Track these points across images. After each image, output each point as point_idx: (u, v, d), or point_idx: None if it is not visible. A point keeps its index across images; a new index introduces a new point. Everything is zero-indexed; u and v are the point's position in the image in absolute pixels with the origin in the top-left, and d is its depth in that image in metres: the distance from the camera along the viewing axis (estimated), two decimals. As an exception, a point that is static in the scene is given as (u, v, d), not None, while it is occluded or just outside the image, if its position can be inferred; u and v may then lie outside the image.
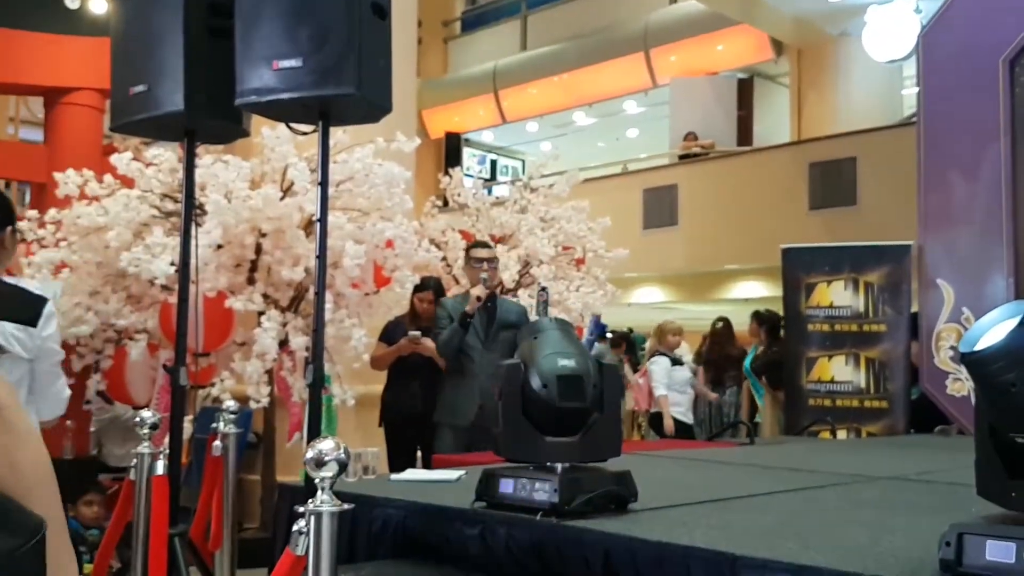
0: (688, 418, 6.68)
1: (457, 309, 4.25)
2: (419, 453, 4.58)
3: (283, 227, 4.32)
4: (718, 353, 7.10)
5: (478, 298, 4.14)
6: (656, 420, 6.67)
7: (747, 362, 6.77)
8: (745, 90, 12.30)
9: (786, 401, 6.12)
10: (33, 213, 4.69)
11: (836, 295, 5.96)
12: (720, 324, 7.26)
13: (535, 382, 2.03)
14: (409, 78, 6.34)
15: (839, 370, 5.89)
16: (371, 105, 2.62)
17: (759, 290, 10.89)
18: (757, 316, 6.85)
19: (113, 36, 2.85)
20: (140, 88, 2.75)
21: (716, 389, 7.04)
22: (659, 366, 6.65)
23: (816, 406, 5.90)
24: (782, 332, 6.30)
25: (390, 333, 4.74)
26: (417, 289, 4.71)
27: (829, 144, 9.76)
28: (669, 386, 6.60)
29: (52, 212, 4.54)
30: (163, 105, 2.73)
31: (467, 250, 4.42)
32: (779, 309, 6.67)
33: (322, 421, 2.74)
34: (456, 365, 4.24)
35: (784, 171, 9.86)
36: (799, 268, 6.06)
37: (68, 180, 4.47)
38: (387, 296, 4.66)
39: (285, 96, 2.50)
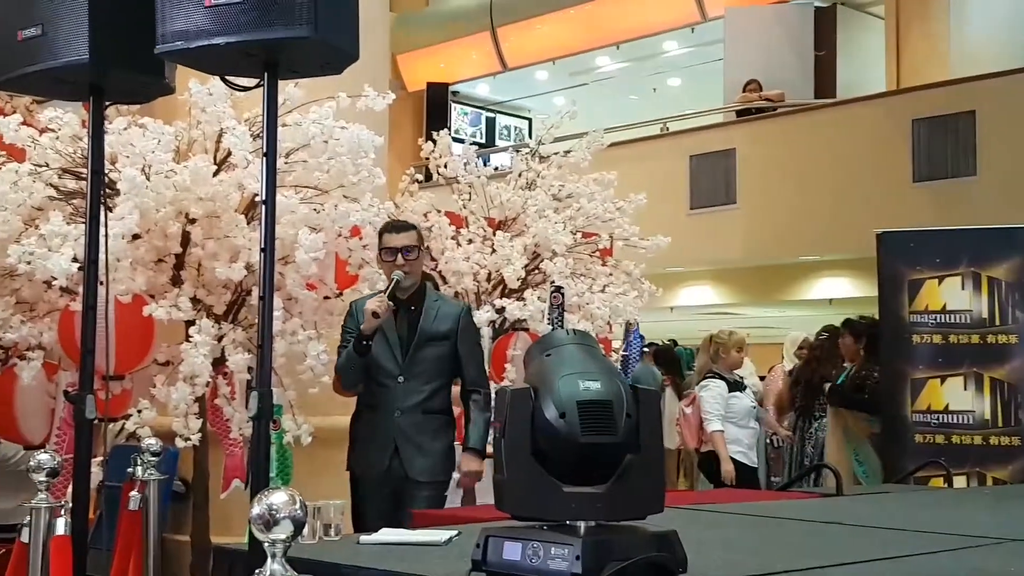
0: (751, 459, 6.69)
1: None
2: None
3: (217, 211, 4.35)
4: (812, 373, 7.04)
5: (374, 313, 3.94)
6: (709, 462, 6.67)
7: (832, 386, 6.79)
8: (825, 23, 12.30)
9: (885, 435, 6.11)
10: None
11: (950, 296, 5.93)
12: (824, 336, 7.19)
13: (550, 412, 2.04)
14: (380, 11, 6.37)
15: (955, 396, 5.86)
16: (331, 51, 2.65)
17: (846, 289, 10.90)
18: (851, 327, 6.84)
19: (-5, -37, 2.89)
20: (32, 31, 2.78)
21: (803, 421, 7.01)
22: (713, 392, 6.63)
23: (925, 444, 5.88)
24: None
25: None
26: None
27: (939, 95, 9.75)
28: (726, 418, 6.59)
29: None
30: (62, 53, 2.76)
31: (379, 234, 4.26)
32: (873, 312, 6.67)
33: (272, 465, 2.77)
34: (367, 396, 4.19)
35: (879, 131, 9.85)
36: (900, 260, 6.05)
37: (-62, 152, 4.50)
38: (353, 299, 4.68)
39: (220, 41, 2.53)
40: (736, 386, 6.72)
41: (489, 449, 5.15)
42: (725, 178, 10.74)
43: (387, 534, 2.80)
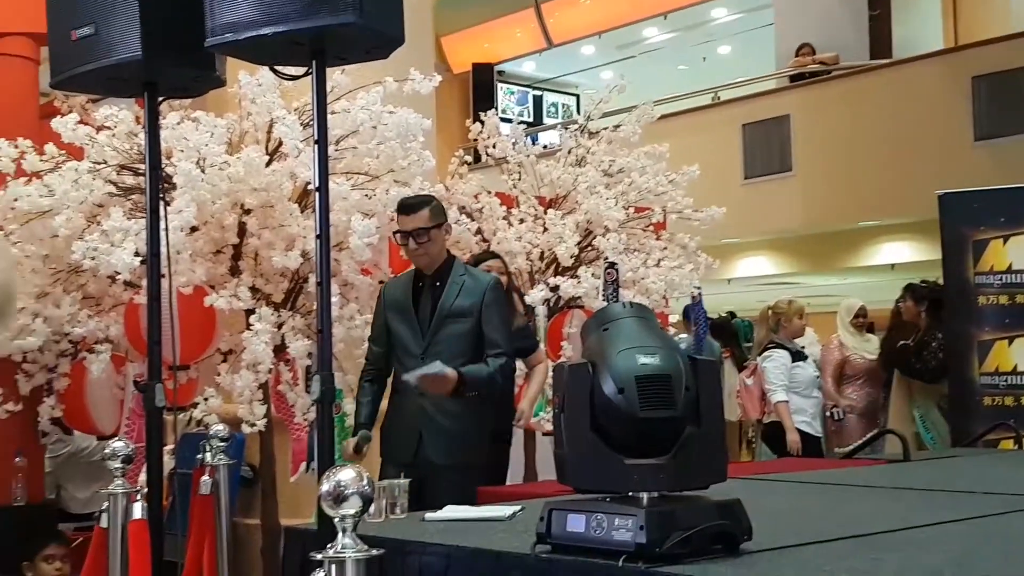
0: (816, 429, 6.65)
1: (395, 296, 4.02)
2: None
3: (271, 200, 4.42)
4: (892, 341, 6.92)
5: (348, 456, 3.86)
6: (773, 433, 6.65)
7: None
8: (878, -19, 12.08)
9: (951, 400, 6.05)
10: (-45, 196, 4.85)
11: (1016, 255, 5.84)
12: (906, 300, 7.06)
13: (608, 387, 2.07)
14: (424, -5, 6.39)
15: (1023, 357, 5.79)
16: (377, 36, 2.69)
17: (908, 253, 10.75)
18: (912, 291, 6.75)
19: (47, -36, 2.96)
20: (85, 31, 2.85)
21: (886, 390, 6.93)
22: (775, 362, 6.59)
23: (993, 406, 5.82)
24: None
25: None
26: (476, 262, 4.71)
27: (999, 50, 9.54)
28: (790, 388, 6.55)
29: (-18, 194, 4.70)
30: (115, 51, 2.83)
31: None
32: (937, 276, 6.59)
33: (335, 447, 2.83)
34: (394, 380, 4.07)
35: (938, 90, 9.67)
36: (963, 221, 5.97)
37: (0, 153, 4.62)
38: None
39: (268, 31, 2.58)
40: (798, 356, 6.69)
41: (546, 425, 5.20)
42: (780, 145, 10.63)
43: (451, 511, 2.86)
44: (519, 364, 4.75)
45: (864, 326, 7.19)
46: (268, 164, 4.43)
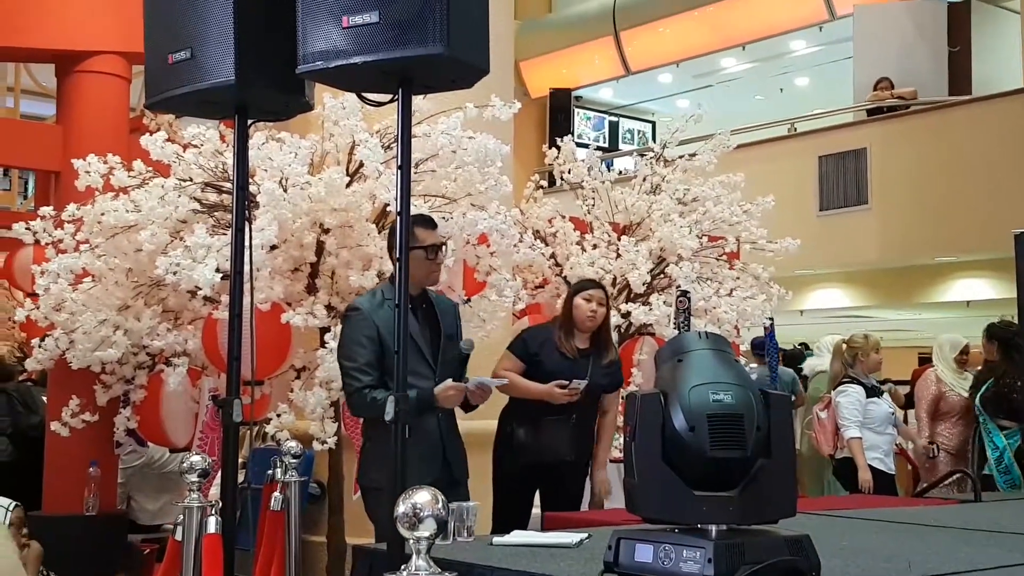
0: (888, 466, 6.54)
1: (385, 318, 3.53)
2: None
3: (350, 220, 4.50)
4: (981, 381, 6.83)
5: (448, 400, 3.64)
6: (845, 469, 6.55)
7: (979, 394, 6.61)
8: (959, 19, 11.92)
9: (1024, 442, 5.95)
10: (48, 210, 5.02)
11: (1091, 296, 5.76)
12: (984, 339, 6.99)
13: (678, 421, 2.08)
14: (505, 22, 6.45)
15: (1100, 398, 5.69)
16: (463, 67, 2.74)
17: (985, 290, 10.56)
18: (989, 331, 6.69)
19: (147, -10, 3.07)
20: (181, 55, 2.95)
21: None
22: (850, 397, 6.50)
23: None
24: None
25: (526, 345, 4.64)
26: (579, 289, 4.71)
27: (1080, 89, 9.39)
28: (864, 424, 6.46)
29: (71, 208, 4.85)
30: (209, 75, 2.92)
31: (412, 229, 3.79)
32: (1013, 315, 6.48)
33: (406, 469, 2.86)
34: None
35: (1017, 127, 9.51)
36: (1039, 259, 5.88)
37: (90, 168, 4.77)
38: (481, 305, 4.78)
39: (358, 60, 2.65)
40: (874, 391, 6.60)
41: (613, 452, 5.20)
42: (856, 178, 10.52)
43: (519, 536, 2.88)
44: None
45: (966, 363, 7.09)
46: (348, 185, 4.52)
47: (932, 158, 10.00)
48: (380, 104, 2.96)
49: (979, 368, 7.00)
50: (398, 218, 2.83)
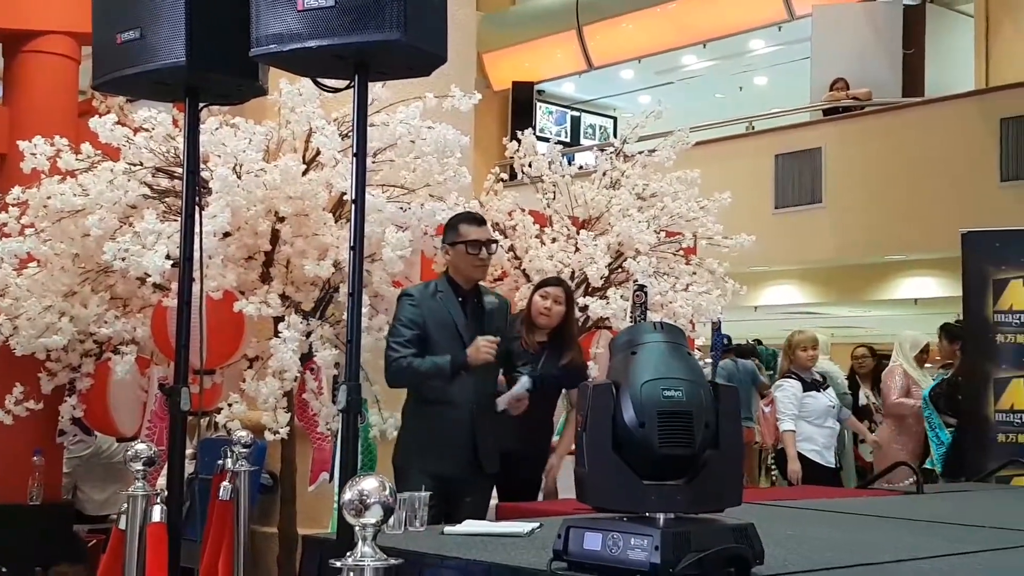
0: (827, 459, 6.65)
1: (433, 309, 4.05)
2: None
3: (306, 209, 4.46)
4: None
5: (485, 355, 3.89)
6: (783, 460, 6.67)
7: (927, 390, 6.74)
8: (914, 21, 12.09)
9: (966, 435, 6.06)
10: (-8, 192, 4.92)
11: (1035, 296, 5.88)
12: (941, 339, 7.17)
13: (628, 415, 2.09)
14: (467, 12, 6.43)
15: (1039, 396, 5.81)
16: (421, 54, 2.71)
17: (933, 288, 10.73)
18: (948, 331, 6.85)
19: (96, -31, 3.01)
20: (130, 35, 2.89)
21: None
22: (786, 391, 6.66)
23: (1007, 443, 5.85)
24: None
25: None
26: (539, 285, 4.80)
27: (1029, 93, 9.55)
28: (801, 417, 6.59)
29: (16, 191, 4.74)
30: (160, 56, 2.87)
31: (455, 225, 4.22)
32: (959, 313, 6.60)
33: (357, 458, 2.84)
34: (437, 392, 4.08)
35: (967, 130, 9.68)
36: (985, 259, 6.00)
37: (36, 150, 4.65)
38: (439, 297, 4.76)
39: (312, 44, 2.61)
40: (814, 385, 6.72)
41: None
42: (811, 177, 10.64)
43: (471, 525, 2.87)
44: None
45: (925, 362, 7.26)
46: (304, 173, 4.47)
47: (885, 158, 10.14)
48: (336, 90, 2.93)
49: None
50: (352, 206, 2.79)
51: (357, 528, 1.72)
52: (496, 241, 4.19)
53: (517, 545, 2.56)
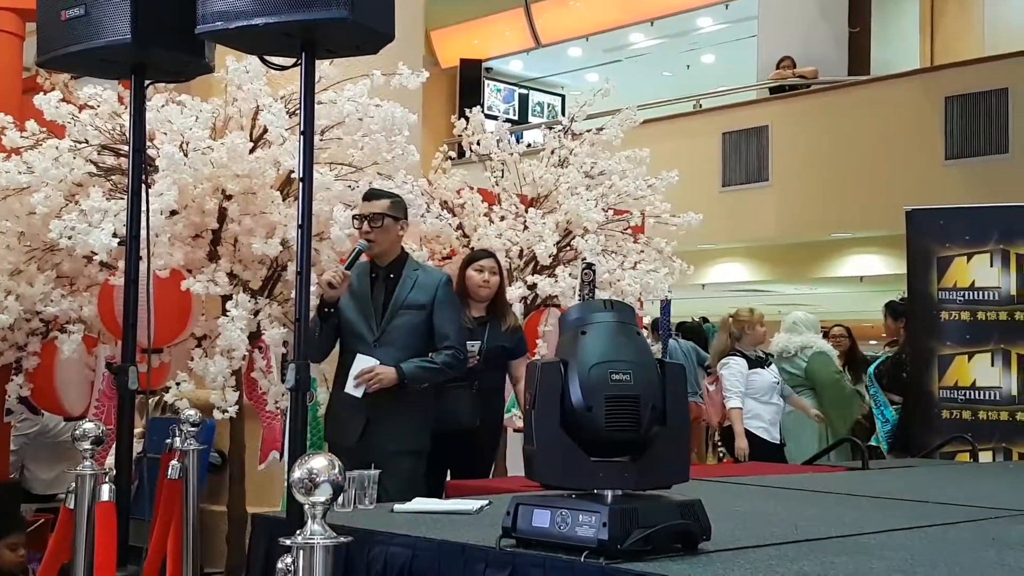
0: (773, 436, 6.74)
1: (352, 289, 4.10)
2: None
3: (253, 187, 4.42)
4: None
5: (329, 284, 3.91)
6: (730, 438, 6.74)
7: (872, 367, 6.84)
8: (859, 0, 12.20)
9: (911, 412, 6.16)
10: (-66, 170, 4.82)
11: (979, 273, 5.96)
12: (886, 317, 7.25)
13: (576, 396, 2.11)
14: (414, -10, 6.40)
15: (982, 372, 5.91)
16: (368, 32, 2.71)
17: (878, 266, 10.88)
18: (891, 308, 6.94)
19: (39, -56, 2.96)
20: (75, 11, 2.86)
21: None
22: (732, 369, 6.70)
23: (951, 420, 5.93)
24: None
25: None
26: (471, 260, 4.80)
27: (972, 72, 9.68)
28: (748, 394, 6.65)
29: (-41, 169, 4.66)
30: (105, 33, 2.83)
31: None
32: (903, 290, 6.70)
33: (307, 437, 2.85)
34: (342, 366, 4.16)
35: (912, 108, 9.81)
36: (929, 237, 6.08)
37: (-20, 128, 4.59)
38: (387, 275, 4.75)
39: (259, 21, 2.60)
40: (758, 362, 6.79)
41: (516, 422, 5.24)
42: (758, 155, 10.72)
43: (420, 503, 2.88)
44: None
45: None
46: (252, 151, 4.43)
47: (830, 137, 10.25)
48: (283, 68, 2.92)
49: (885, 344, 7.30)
50: (300, 184, 2.78)
51: (307, 506, 1.73)
52: (379, 215, 4.11)
53: (466, 523, 2.59)
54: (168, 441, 3.80)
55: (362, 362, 4.04)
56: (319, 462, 1.72)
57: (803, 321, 7.47)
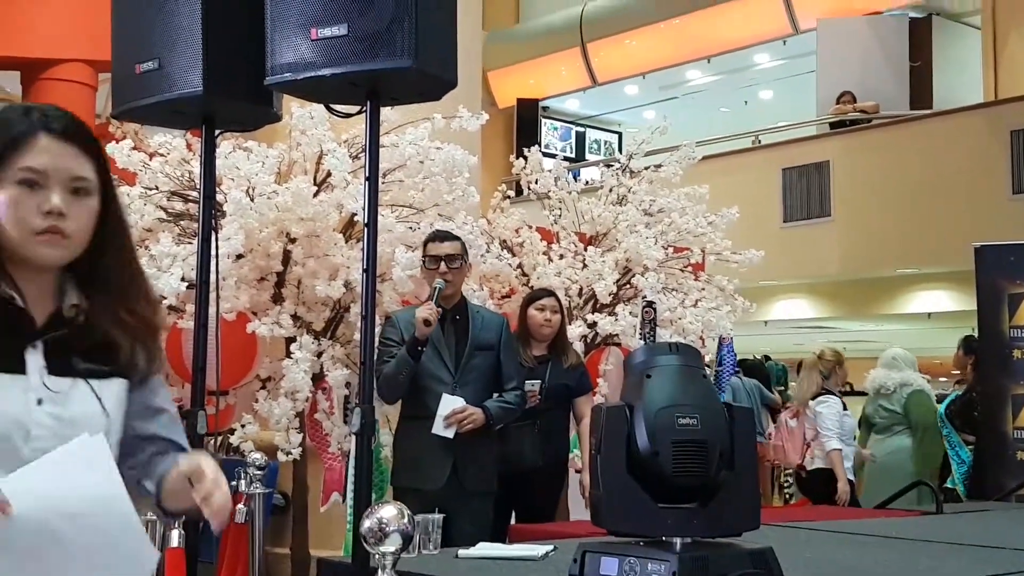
0: (852, 477, 6.62)
1: (413, 326, 3.99)
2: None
3: (317, 230, 4.49)
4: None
5: (426, 321, 3.87)
6: (815, 480, 6.59)
7: (943, 405, 6.69)
8: (920, 34, 12.08)
9: (984, 453, 6.02)
10: (11, 217, 4.94)
11: (1052, 310, 5.86)
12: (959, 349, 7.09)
13: (642, 440, 2.09)
14: (473, 33, 6.46)
15: (1060, 412, 5.78)
16: (431, 79, 2.75)
17: (946, 303, 10.69)
18: (967, 342, 6.79)
19: None
20: (149, 65, 2.93)
21: None
22: (832, 409, 6.55)
23: (1028, 461, 5.79)
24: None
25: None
26: (532, 299, 4.81)
27: (1039, 105, 9.54)
28: (839, 436, 6.53)
29: (34, 215, 4.77)
30: (177, 85, 2.91)
31: (424, 244, 4.24)
32: (973, 327, 6.57)
33: (372, 480, 2.86)
34: (415, 407, 4.10)
35: (977, 142, 9.66)
36: (999, 273, 5.97)
37: (54, 176, 4.69)
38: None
39: (326, 72, 2.65)
40: (844, 404, 6.70)
41: (577, 463, 5.21)
42: (819, 191, 10.63)
43: (484, 548, 2.87)
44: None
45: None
46: (315, 195, 4.50)
47: (894, 171, 10.12)
48: (348, 115, 2.97)
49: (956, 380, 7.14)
50: (364, 229, 2.82)
51: (376, 556, 1.73)
52: (455, 256, 4.10)
53: (531, 569, 2.57)
54: (234, 484, 3.84)
55: (451, 402, 4.01)
56: (389, 511, 1.72)
57: (902, 358, 7.26)
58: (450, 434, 3.97)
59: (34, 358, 1.52)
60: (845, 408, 6.63)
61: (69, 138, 1.55)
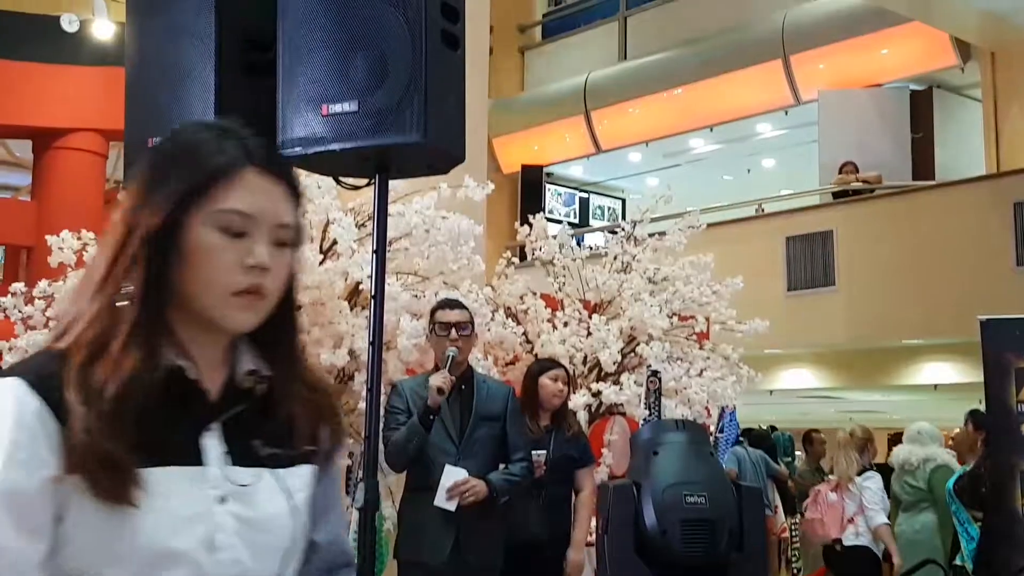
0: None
1: (420, 395, 4.01)
2: None
3: (322, 298, 4.49)
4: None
5: (439, 389, 3.87)
6: (854, 556, 6.49)
7: (951, 481, 6.63)
8: (921, 106, 12.21)
9: (992, 531, 5.95)
10: (19, 286, 4.96)
11: (1062, 385, 5.82)
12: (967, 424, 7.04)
13: (650, 519, 2.09)
14: (479, 102, 6.53)
15: (1069, 491, 5.71)
16: (439, 154, 2.78)
17: (951, 374, 10.66)
18: (976, 417, 6.74)
19: (128, 72, 3.08)
20: (160, 139, 2.95)
21: None
22: (878, 483, 6.57)
23: (1036, 540, 5.71)
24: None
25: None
26: (543, 369, 4.80)
27: (1041, 178, 9.60)
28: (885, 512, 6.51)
29: (42, 284, 4.79)
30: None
31: (432, 312, 4.26)
32: (980, 399, 6.53)
33: (376, 554, 2.83)
34: (419, 478, 4.06)
35: (980, 214, 9.71)
36: (1006, 348, 5.94)
37: (63, 244, 4.72)
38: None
39: (336, 147, 2.67)
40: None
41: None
42: (824, 260, 10.65)
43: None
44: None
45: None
46: (321, 263, 4.52)
47: (898, 242, 10.16)
48: (357, 188, 2.99)
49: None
50: (371, 302, 2.83)
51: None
52: (466, 323, 4.12)
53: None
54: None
55: (453, 474, 3.96)
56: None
57: (927, 432, 7.23)
58: (452, 506, 3.93)
59: (212, 443, 1.22)
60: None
61: (278, 175, 1.26)
